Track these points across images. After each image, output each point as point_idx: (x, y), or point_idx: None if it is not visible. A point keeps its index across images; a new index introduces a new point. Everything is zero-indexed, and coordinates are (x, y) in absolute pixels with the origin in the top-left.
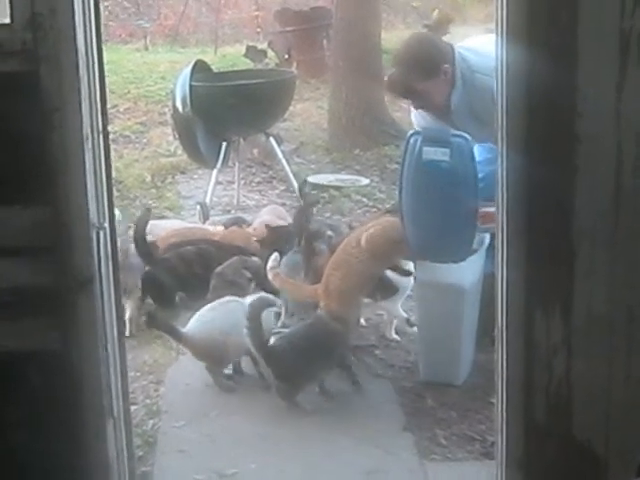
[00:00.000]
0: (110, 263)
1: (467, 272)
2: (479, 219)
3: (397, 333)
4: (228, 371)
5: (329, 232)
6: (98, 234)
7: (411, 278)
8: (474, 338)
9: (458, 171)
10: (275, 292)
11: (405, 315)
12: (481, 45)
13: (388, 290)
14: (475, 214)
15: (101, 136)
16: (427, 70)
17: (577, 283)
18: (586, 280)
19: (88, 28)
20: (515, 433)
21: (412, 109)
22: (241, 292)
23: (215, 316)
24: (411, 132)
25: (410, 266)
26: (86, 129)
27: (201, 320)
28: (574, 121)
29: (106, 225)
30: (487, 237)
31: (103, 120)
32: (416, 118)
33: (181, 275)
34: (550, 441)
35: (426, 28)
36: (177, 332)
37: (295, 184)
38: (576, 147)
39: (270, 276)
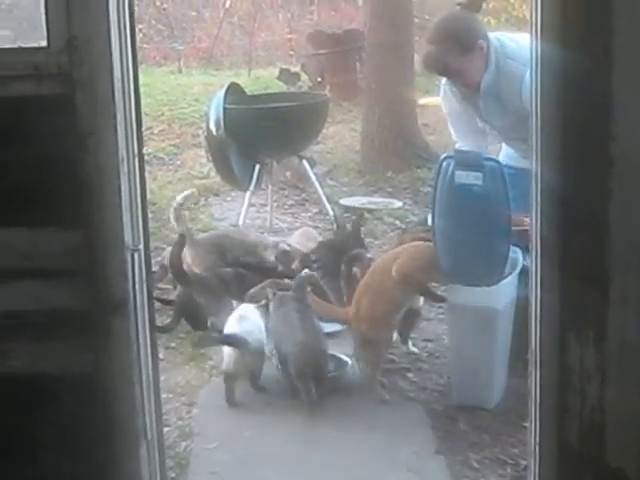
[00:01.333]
0: (144, 285)
1: (500, 295)
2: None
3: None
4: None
5: (368, 255)
6: (133, 256)
7: None
8: (506, 361)
9: (490, 195)
10: None
11: None
12: (517, 36)
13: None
14: (508, 238)
15: (136, 159)
16: (463, 45)
17: (611, 309)
18: (620, 306)
19: (124, 52)
20: (548, 458)
21: (441, 90)
22: None
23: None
24: (444, 156)
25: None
26: (121, 152)
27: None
28: (608, 143)
29: (141, 247)
30: (520, 260)
31: (138, 143)
32: (444, 100)
33: (215, 295)
34: (583, 467)
35: (459, 6)
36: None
37: (328, 207)
38: (610, 170)
39: None
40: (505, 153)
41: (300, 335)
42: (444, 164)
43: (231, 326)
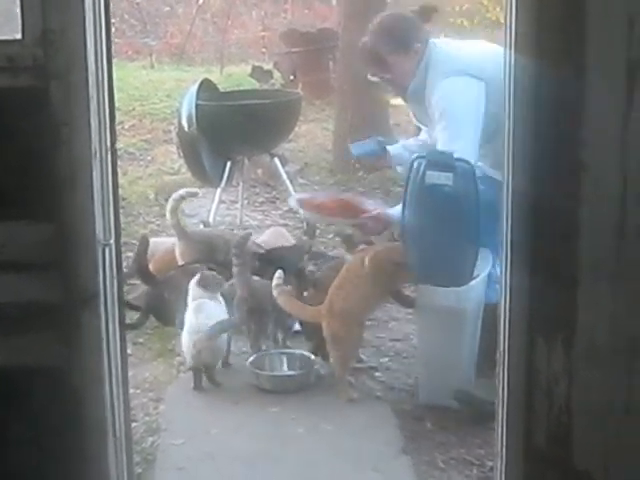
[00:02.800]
0: (115, 280)
1: (468, 296)
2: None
3: None
4: None
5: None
6: (104, 251)
7: None
8: (474, 362)
9: (461, 195)
10: None
11: None
12: (465, 44)
13: None
14: (477, 239)
15: (109, 153)
16: (398, 43)
17: (580, 312)
18: (589, 310)
19: (99, 44)
20: (514, 459)
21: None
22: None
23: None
24: (415, 156)
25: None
26: (94, 145)
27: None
28: (580, 150)
29: (112, 242)
30: (489, 262)
31: (111, 137)
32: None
33: (173, 296)
34: (549, 468)
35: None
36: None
37: None
38: (581, 175)
39: (275, 294)
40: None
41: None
42: (415, 164)
43: (188, 319)
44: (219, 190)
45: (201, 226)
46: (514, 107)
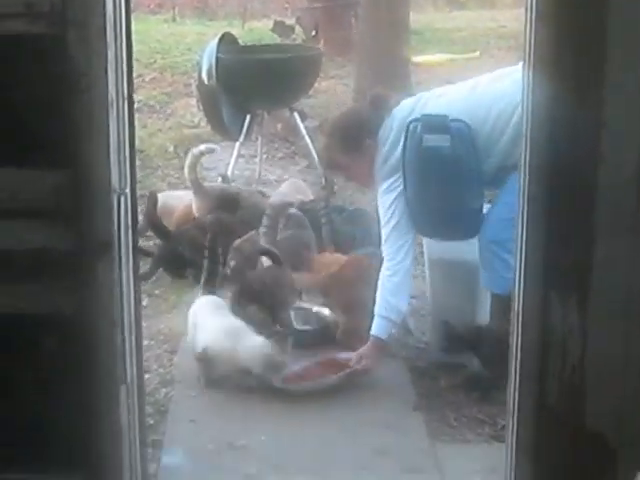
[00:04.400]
0: (130, 229)
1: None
2: None
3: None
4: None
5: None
6: (119, 199)
7: None
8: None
9: (459, 155)
10: None
11: None
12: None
13: None
14: (480, 192)
15: (126, 102)
16: (348, 144)
17: (595, 269)
18: (604, 266)
19: None
20: (526, 418)
21: None
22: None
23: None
24: (410, 119)
25: None
26: (111, 94)
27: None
28: (600, 106)
29: (127, 191)
30: None
31: (129, 86)
32: None
33: (198, 246)
34: (561, 427)
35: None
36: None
37: (317, 160)
38: (600, 133)
39: None
40: None
41: None
42: (411, 127)
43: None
44: (238, 144)
45: (219, 180)
46: (534, 62)
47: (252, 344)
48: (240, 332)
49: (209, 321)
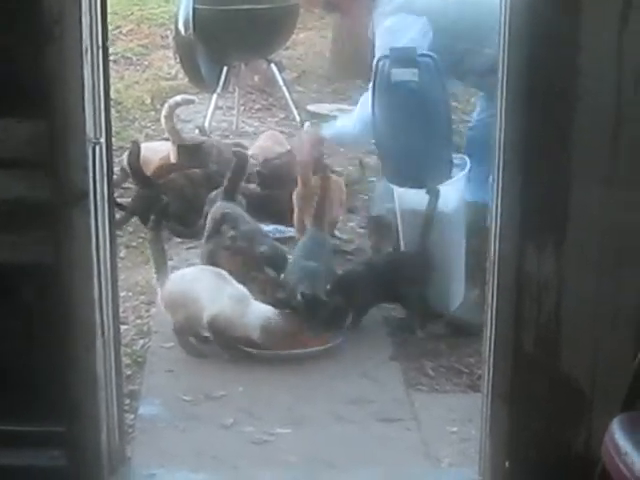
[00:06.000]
0: (105, 179)
1: (448, 197)
2: None
3: None
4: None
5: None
6: (94, 149)
7: None
8: (463, 267)
9: (428, 90)
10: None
11: None
12: None
13: None
14: (449, 135)
15: (100, 51)
16: None
17: (571, 219)
18: (580, 216)
19: None
20: (502, 366)
21: None
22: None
23: (194, 278)
24: (378, 56)
25: None
26: (86, 43)
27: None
28: (576, 51)
29: (102, 140)
30: (467, 161)
31: (103, 35)
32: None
33: (185, 196)
34: (537, 375)
35: None
36: (162, 270)
37: (295, 112)
38: (577, 80)
39: None
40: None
41: None
42: (380, 64)
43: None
44: (215, 96)
45: (196, 131)
46: (510, 11)
47: (257, 312)
48: (246, 300)
49: (213, 289)
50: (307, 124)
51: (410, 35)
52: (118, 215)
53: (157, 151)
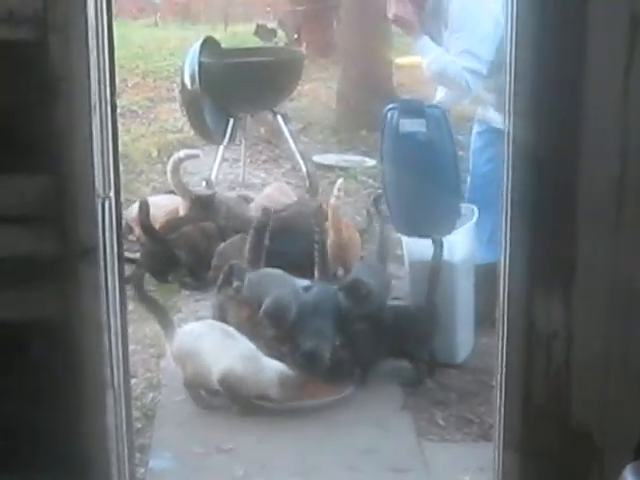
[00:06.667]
0: (114, 233)
1: (456, 247)
2: None
3: None
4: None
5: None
6: (103, 204)
7: None
8: (472, 317)
9: (436, 141)
10: None
11: None
12: None
13: None
14: (457, 185)
15: (109, 106)
16: None
17: (579, 267)
18: (588, 264)
19: None
20: (513, 416)
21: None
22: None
23: (202, 333)
24: (388, 107)
25: None
26: (94, 99)
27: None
28: (581, 97)
29: (111, 195)
30: (475, 211)
31: (111, 91)
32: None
33: (185, 255)
34: (548, 425)
35: None
36: (169, 326)
37: (302, 163)
38: (582, 125)
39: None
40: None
41: None
42: (388, 115)
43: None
44: (222, 148)
45: (204, 184)
46: (515, 56)
47: (271, 368)
48: (256, 357)
49: (221, 347)
50: (340, 181)
51: (486, 8)
52: (129, 271)
53: (161, 206)
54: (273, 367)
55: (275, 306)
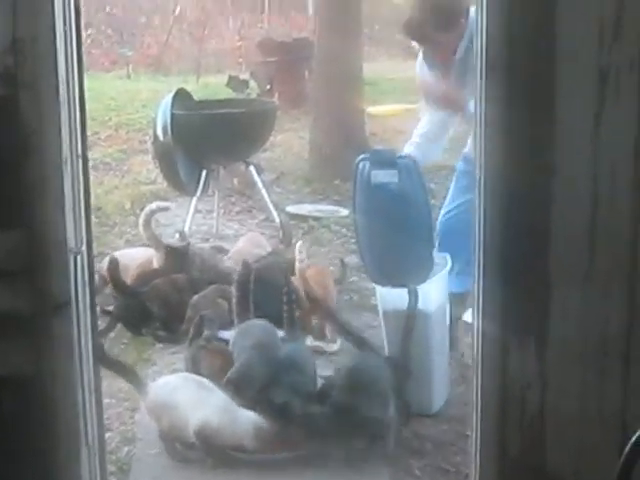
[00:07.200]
0: (87, 287)
1: (430, 296)
2: None
3: None
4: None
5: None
6: (75, 258)
7: None
8: (447, 366)
9: (407, 192)
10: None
11: None
12: None
13: None
14: (430, 235)
15: (80, 160)
16: (447, 21)
17: (552, 317)
18: (561, 315)
19: (69, 53)
20: (489, 466)
21: (419, 59)
22: (217, 323)
23: (176, 386)
24: (359, 158)
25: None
26: (65, 153)
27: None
28: (551, 152)
29: (83, 249)
30: (449, 259)
31: (82, 144)
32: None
33: (157, 308)
34: (523, 474)
35: None
36: (139, 383)
37: (275, 214)
38: (552, 180)
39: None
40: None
41: None
42: (360, 166)
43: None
44: (195, 199)
45: (177, 236)
46: (485, 118)
47: (246, 419)
48: (231, 408)
49: (196, 399)
50: (299, 243)
51: None
52: (102, 323)
53: (134, 258)
54: (248, 418)
55: (239, 376)
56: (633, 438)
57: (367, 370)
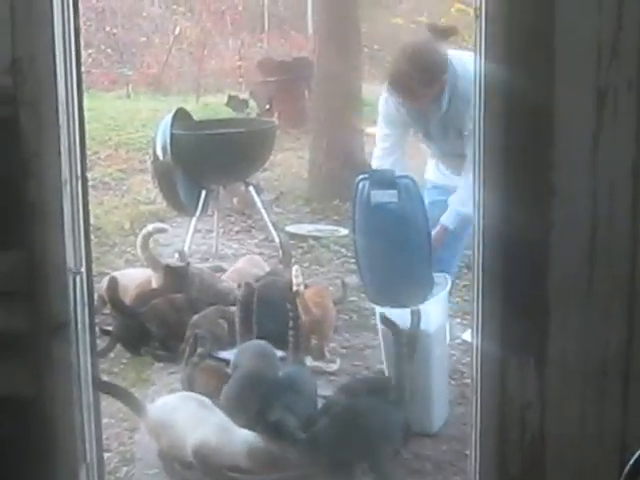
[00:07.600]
0: (86, 308)
1: (430, 316)
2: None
3: None
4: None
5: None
6: (75, 279)
7: None
8: (447, 386)
9: (407, 212)
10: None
11: None
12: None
13: None
14: (429, 255)
15: (79, 181)
16: (429, 78)
17: (551, 337)
18: (560, 334)
19: (69, 73)
20: None
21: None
22: (217, 343)
23: (176, 406)
24: (359, 177)
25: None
26: (65, 174)
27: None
28: (550, 172)
29: (83, 270)
30: (449, 279)
31: (82, 166)
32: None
33: (156, 328)
34: None
35: (430, 31)
36: (137, 405)
37: (274, 234)
38: (551, 201)
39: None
40: (433, 170)
41: None
42: (360, 186)
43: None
44: (194, 219)
45: (176, 256)
46: (484, 134)
47: (241, 439)
48: (229, 427)
49: (196, 418)
50: (296, 267)
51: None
52: (102, 342)
53: (133, 278)
54: (244, 437)
55: (231, 396)
56: (632, 459)
57: (362, 416)
